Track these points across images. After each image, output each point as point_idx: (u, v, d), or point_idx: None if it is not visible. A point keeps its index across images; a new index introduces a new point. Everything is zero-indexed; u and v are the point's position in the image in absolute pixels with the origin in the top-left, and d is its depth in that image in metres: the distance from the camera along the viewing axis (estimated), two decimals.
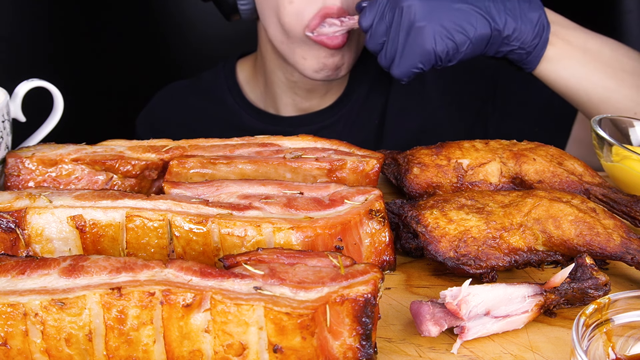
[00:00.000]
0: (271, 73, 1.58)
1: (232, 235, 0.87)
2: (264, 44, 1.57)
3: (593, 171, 1.09)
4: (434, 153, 1.09)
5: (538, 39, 1.21)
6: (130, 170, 1.05)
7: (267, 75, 1.59)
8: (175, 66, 2.32)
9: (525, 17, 1.19)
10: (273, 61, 1.56)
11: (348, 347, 0.75)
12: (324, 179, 1.03)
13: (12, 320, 0.73)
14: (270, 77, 1.59)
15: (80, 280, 0.76)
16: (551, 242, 0.93)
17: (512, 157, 1.08)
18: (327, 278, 0.75)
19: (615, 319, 0.77)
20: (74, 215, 0.90)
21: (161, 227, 0.89)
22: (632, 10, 1.84)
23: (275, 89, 1.60)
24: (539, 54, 1.23)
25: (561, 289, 0.85)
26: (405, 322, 0.86)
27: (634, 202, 1.01)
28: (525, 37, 1.19)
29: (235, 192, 0.94)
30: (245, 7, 1.49)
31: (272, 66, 1.57)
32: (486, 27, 1.17)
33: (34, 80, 1.14)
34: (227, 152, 1.06)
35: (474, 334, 0.82)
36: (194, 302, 0.73)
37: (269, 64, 1.57)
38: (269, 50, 1.55)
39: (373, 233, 0.92)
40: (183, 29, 2.34)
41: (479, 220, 0.93)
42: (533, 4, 1.20)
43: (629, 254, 0.91)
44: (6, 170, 1.04)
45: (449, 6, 1.17)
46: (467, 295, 0.80)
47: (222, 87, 1.67)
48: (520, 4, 1.19)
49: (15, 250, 0.90)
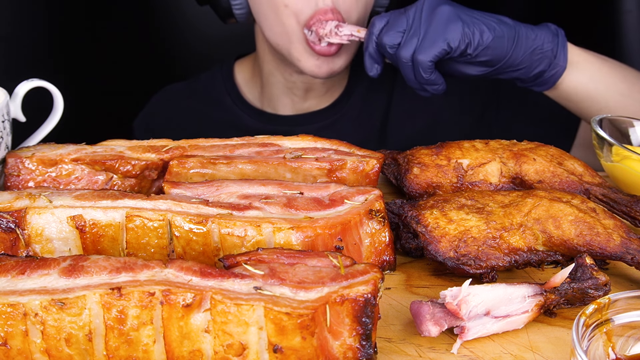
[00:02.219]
0: (269, 74, 1.58)
1: (232, 235, 0.87)
2: (261, 46, 1.57)
3: (593, 171, 1.09)
4: (434, 153, 1.09)
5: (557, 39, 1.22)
6: (130, 170, 1.05)
7: (265, 76, 1.60)
8: (175, 66, 2.32)
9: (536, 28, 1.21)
10: (270, 62, 1.56)
11: (348, 347, 0.75)
12: (324, 179, 1.03)
13: (12, 320, 0.73)
14: (268, 78, 1.59)
15: (80, 280, 0.76)
16: (551, 242, 0.93)
17: (512, 157, 1.08)
18: (327, 278, 0.75)
19: (615, 319, 0.77)
20: (74, 215, 0.90)
21: (161, 227, 0.89)
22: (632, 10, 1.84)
23: (273, 90, 1.60)
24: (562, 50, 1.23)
25: (561, 289, 0.85)
26: (405, 322, 0.86)
27: (634, 202, 1.01)
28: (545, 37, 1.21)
29: (235, 192, 0.94)
30: (240, 11, 1.49)
31: (269, 67, 1.57)
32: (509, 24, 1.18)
33: (34, 80, 1.14)
34: (227, 152, 1.06)
35: (474, 334, 0.82)
36: (194, 302, 0.73)
37: (266, 65, 1.57)
38: (267, 52, 1.55)
39: (373, 233, 0.92)
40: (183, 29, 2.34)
41: (479, 220, 0.93)
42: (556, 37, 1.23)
43: (629, 254, 0.91)
44: (6, 170, 1.04)
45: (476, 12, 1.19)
46: (467, 295, 0.80)
47: (220, 89, 1.67)
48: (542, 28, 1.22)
49: (15, 250, 0.90)
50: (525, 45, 1.20)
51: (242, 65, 1.70)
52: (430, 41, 1.15)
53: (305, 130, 1.54)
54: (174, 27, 2.35)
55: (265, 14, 1.42)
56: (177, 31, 2.34)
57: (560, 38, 1.23)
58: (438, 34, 1.15)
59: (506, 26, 1.18)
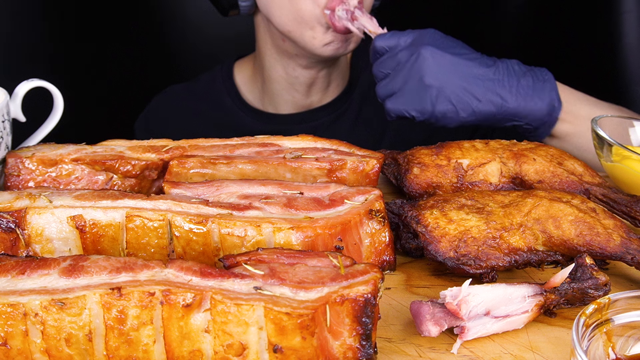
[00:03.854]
0: (270, 69, 1.58)
1: (232, 235, 0.87)
2: (263, 40, 1.57)
3: (593, 171, 1.09)
4: (434, 153, 1.09)
5: (548, 117, 1.21)
6: (130, 170, 1.05)
7: (266, 72, 1.59)
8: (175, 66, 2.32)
9: (537, 98, 1.19)
10: (272, 56, 1.55)
11: (348, 347, 0.75)
12: (324, 179, 1.03)
13: (12, 320, 0.73)
14: (269, 74, 1.59)
15: (80, 280, 0.76)
16: (551, 242, 0.93)
17: (512, 157, 1.08)
18: (327, 278, 0.75)
19: (615, 319, 0.77)
20: (74, 215, 0.90)
21: (161, 227, 0.89)
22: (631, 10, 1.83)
23: (275, 86, 1.60)
24: (547, 130, 1.24)
25: (561, 289, 0.85)
26: (405, 322, 0.86)
27: (634, 202, 1.01)
28: (535, 115, 1.20)
29: (235, 192, 0.94)
30: (246, 2, 1.49)
31: (271, 62, 1.57)
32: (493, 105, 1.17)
33: (34, 80, 1.14)
34: (227, 152, 1.06)
35: (474, 334, 0.82)
36: (194, 302, 0.73)
37: (268, 60, 1.57)
38: (269, 46, 1.55)
39: (373, 233, 0.92)
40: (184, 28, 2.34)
41: (479, 220, 0.93)
42: (547, 83, 1.20)
43: (629, 254, 0.91)
44: (6, 170, 1.04)
45: (463, 72, 1.17)
46: (467, 295, 0.80)
47: (220, 89, 1.68)
48: (535, 83, 1.19)
49: (15, 250, 0.90)
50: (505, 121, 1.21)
51: (241, 66, 1.70)
52: (401, 102, 1.18)
53: (305, 129, 1.54)
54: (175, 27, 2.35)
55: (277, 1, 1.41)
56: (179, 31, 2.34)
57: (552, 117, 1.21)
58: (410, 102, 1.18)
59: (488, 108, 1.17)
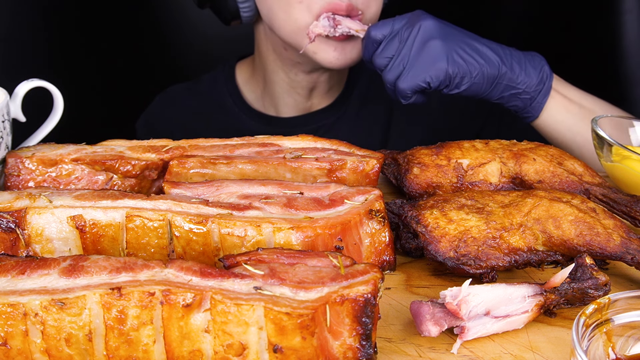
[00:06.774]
0: (272, 73, 1.58)
1: (232, 235, 0.87)
2: (264, 46, 1.57)
3: (593, 171, 1.09)
4: (434, 153, 1.09)
5: (542, 85, 1.25)
6: (130, 170, 1.05)
7: (268, 75, 1.59)
8: (176, 66, 2.32)
9: (529, 66, 1.24)
10: (274, 62, 1.55)
11: (348, 347, 0.75)
12: (324, 179, 1.03)
13: (12, 320, 0.73)
14: (270, 77, 1.59)
15: (80, 280, 0.76)
16: (551, 242, 0.93)
17: (512, 157, 1.08)
18: (327, 278, 0.75)
19: (615, 319, 0.77)
20: (74, 215, 0.90)
21: (161, 227, 0.89)
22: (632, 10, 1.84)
23: (276, 89, 1.60)
24: (542, 100, 1.27)
25: (561, 289, 0.85)
26: (405, 322, 0.86)
27: (634, 202, 1.01)
28: (530, 81, 1.23)
29: (235, 192, 0.94)
30: (248, 13, 1.49)
31: (273, 66, 1.56)
32: (495, 65, 1.21)
33: (34, 80, 1.14)
34: (227, 152, 1.06)
35: (474, 334, 0.82)
36: (194, 302, 0.73)
37: (269, 64, 1.57)
38: (270, 51, 1.55)
39: (373, 233, 0.92)
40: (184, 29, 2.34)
41: (479, 220, 0.93)
42: (536, 57, 1.26)
43: (629, 254, 0.91)
44: (6, 170, 1.04)
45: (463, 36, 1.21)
46: (467, 295, 0.80)
47: (222, 90, 1.67)
48: (525, 55, 1.25)
49: (15, 250, 0.90)
50: (504, 87, 1.23)
51: (242, 66, 1.70)
52: (413, 75, 1.19)
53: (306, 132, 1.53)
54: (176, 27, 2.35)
55: (275, 13, 1.41)
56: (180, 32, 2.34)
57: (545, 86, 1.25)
58: (422, 70, 1.19)
59: (491, 67, 1.20)
